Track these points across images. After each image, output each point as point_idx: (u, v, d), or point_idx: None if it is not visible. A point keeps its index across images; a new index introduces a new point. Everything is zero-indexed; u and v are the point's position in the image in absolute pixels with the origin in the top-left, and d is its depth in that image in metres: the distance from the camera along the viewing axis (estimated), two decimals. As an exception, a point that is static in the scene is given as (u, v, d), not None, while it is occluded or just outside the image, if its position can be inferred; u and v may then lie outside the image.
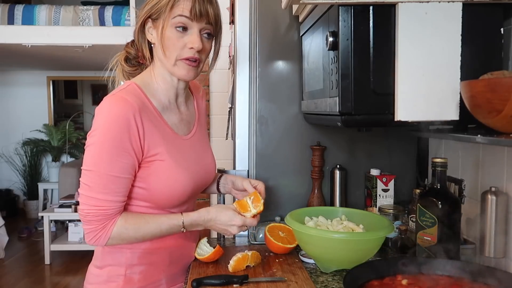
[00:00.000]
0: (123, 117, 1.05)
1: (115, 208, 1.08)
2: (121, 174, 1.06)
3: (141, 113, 1.08)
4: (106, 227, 1.08)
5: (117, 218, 1.09)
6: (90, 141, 1.06)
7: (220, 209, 1.18)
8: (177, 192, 1.15)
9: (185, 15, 1.09)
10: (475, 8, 1.04)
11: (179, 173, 1.14)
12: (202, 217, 1.16)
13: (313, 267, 1.25)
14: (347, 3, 1.03)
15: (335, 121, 1.14)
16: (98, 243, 1.09)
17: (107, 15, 3.85)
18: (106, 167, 1.05)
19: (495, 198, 1.12)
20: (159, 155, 1.12)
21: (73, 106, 6.84)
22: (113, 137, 1.04)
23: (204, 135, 1.32)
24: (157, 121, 1.14)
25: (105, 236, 1.08)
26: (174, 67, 1.13)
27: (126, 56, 1.24)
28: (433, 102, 1.04)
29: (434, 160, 1.15)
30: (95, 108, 1.09)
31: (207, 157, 1.29)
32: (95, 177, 1.05)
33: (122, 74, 1.24)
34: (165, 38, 1.11)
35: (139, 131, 1.08)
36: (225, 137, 2.28)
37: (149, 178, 1.12)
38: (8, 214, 5.86)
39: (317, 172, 1.63)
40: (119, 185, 1.07)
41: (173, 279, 1.23)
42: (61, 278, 4.01)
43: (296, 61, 1.63)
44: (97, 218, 1.06)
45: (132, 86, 1.13)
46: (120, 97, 1.08)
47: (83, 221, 1.08)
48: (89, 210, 1.06)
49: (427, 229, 1.13)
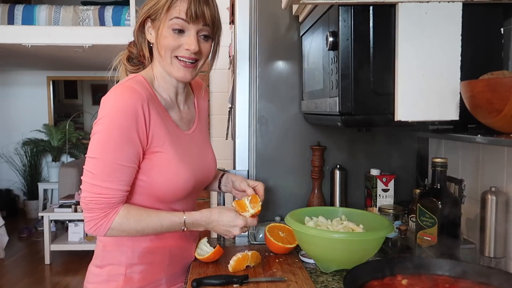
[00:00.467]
0: (131, 106, 1.05)
1: (118, 197, 1.07)
2: (126, 163, 1.06)
3: (149, 103, 1.09)
4: (108, 215, 1.07)
5: (120, 207, 1.09)
6: (96, 129, 1.06)
7: (223, 211, 1.18)
8: (178, 185, 1.15)
9: (181, 17, 1.09)
10: (475, 8, 1.04)
11: (180, 166, 1.15)
12: (205, 218, 1.17)
13: (313, 267, 1.25)
14: (347, 3, 1.03)
15: (335, 121, 1.14)
16: (97, 232, 1.08)
17: (107, 15, 3.85)
18: (112, 155, 1.05)
19: (495, 198, 1.12)
20: (162, 147, 1.12)
21: (73, 106, 6.84)
22: (120, 125, 1.05)
23: (204, 133, 1.33)
24: (162, 113, 1.14)
25: (106, 225, 1.07)
26: (170, 66, 1.14)
27: (129, 55, 1.24)
28: (433, 102, 1.04)
29: (434, 160, 1.15)
30: (102, 98, 1.08)
31: (207, 154, 1.30)
32: (100, 164, 1.05)
33: (126, 74, 1.24)
34: (162, 38, 1.11)
35: (146, 121, 1.08)
36: (225, 137, 2.28)
37: (151, 170, 1.12)
38: (8, 214, 5.86)
39: (317, 172, 1.63)
40: (123, 173, 1.07)
41: (173, 279, 1.23)
42: (61, 278, 4.01)
43: (296, 61, 1.63)
44: (100, 206, 1.06)
45: (139, 77, 1.14)
46: (128, 86, 1.08)
47: (84, 209, 1.08)
48: (92, 198, 1.06)
49: (427, 229, 1.13)
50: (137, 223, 1.10)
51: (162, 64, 1.15)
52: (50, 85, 6.52)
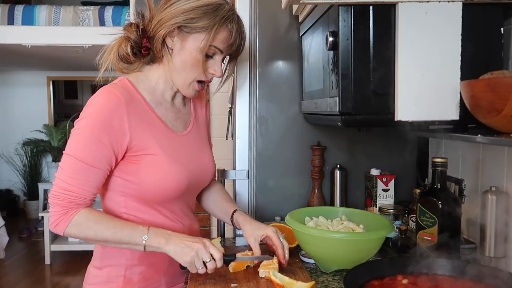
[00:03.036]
0: (106, 109, 1.06)
1: (81, 197, 1.06)
2: (94, 164, 1.06)
3: (128, 106, 1.08)
4: (68, 213, 1.05)
5: (81, 208, 1.07)
6: (74, 128, 1.07)
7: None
8: (170, 185, 1.13)
9: (219, 48, 1.10)
10: (475, 8, 1.04)
11: (172, 166, 1.13)
12: (170, 232, 1.09)
13: (313, 267, 1.25)
14: (347, 3, 1.03)
15: (335, 121, 1.14)
16: (57, 229, 1.07)
17: (107, 15, 3.84)
18: (81, 154, 1.05)
19: (495, 197, 1.12)
20: (149, 149, 1.11)
21: (73, 106, 6.83)
22: (93, 126, 1.05)
23: (202, 135, 1.31)
24: (147, 115, 1.13)
25: (64, 222, 1.05)
26: (185, 86, 1.14)
27: (126, 39, 1.13)
28: (433, 102, 1.04)
29: (434, 160, 1.15)
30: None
31: (204, 157, 1.28)
32: (70, 161, 1.05)
33: (116, 60, 1.14)
34: (189, 57, 1.10)
35: (122, 124, 1.07)
36: (225, 137, 2.28)
37: (140, 172, 1.11)
38: (8, 214, 5.85)
39: (317, 172, 1.63)
40: (90, 174, 1.06)
41: (172, 280, 1.23)
42: (61, 279, 4.01)
43: (296, 61, 1.63)
44: (61, 203, 1.05)
45: (123, 81, 1.14)
46: (108, 89, 1.09)
47: (50, 204, 1.07)
48: (56, 193, 1.05)
49: (427, 229, 1.13)
50: (96, 222, 1.07)
51: (176, 79, 1.14)
52: (50, 85, 6.52)
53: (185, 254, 1.04)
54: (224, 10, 1.09)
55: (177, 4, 1.08)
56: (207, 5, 1.08)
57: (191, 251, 1.04)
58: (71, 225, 1.06)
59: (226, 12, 1.09)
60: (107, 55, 1.14)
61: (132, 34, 1.12)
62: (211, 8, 1.08)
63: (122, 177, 1.12)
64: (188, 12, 1.07)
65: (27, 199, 6.24)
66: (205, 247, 1.06)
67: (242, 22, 1.15)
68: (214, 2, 1.09)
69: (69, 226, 1.06)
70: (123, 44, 1.13)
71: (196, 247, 1.05)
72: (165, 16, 1.09)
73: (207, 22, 1.07)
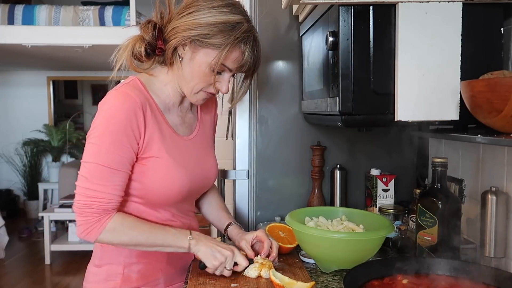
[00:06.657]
0: (124, 112, 1.05)
1: (112, 202, 1.07)
2: (119, 168, 1.06)
3: (143, 108, 1.08)
4: (101, 220, 1.06)
5: (114, 213, 1.08)
6: (90, 134, 1.06)
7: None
8: (173, 189, 1.14)
9: (229, 67, 1.09)
10: (475, 8, 1.04)
11: (176, 170, 1.14)
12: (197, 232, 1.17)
13: (313, 267, 1.25)
14: (347, 3, 1.03)
15: (335, 121, 1.14)
16: (88, 237, 1.07)
17: (107, 15, 3.84)
18: (105, 160, 1.04)
19: (495, 198, 1.12)
20: (156, 152, 1.11)
21: (73, 106, 6.83)
22: (113, 131, 1.05)
23: (207, 140, 1.31)
24: (158, 118, 1.14)
25: (98, 229, 1.06)
26: (192, 94, 1.14)
27: (141, 39, 1.11)
28: (433, 102, 1.04)
29: (434, 160, 1.15)
30: (99, 103, 1.08)
31: (208, 162, 1.28)
32: (94, 169, 1.05)
33: (131, 59, 1.12)
34: (200, 71, 1.09)
35: (139, 126, 1.08)
36: (225, 137, 2.28)
37: (146, 174, 1.11)
38: (8, 214, 5.85)
39: (317, 172, 1.63)
40: (117, 178, 1.06)
41: (171, 279, 1.23)
42: (61, 278, 4.01)
43: (296, 61, 1.63)
44: (93, 211, 1.05)
45: (135, 81, 1.13)
46: (123, 91, 1.08)
47: (77, 213, 1.07)
48: (86, 202, 1.05)
49: (427, 229, 1.13)
50: (132, 228, 1.09)
51: (184, 87, 1.14)
52: (50, 85, 6.52)
53: (215, 258, 1.11)
54: (241, 30, 1.06)
55: (195, 15, 1.05)
56: (224, 23, 1.05)
57: (221, 257, 1.11)
58: (105, 231, 1.07)
59: (241, 33, 1.06)
60: (121, 54, 1.12)
61: (147, 35, 1.09)
62: (228, 26, 1.05)
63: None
64: (203, 27, 1.05)
65: (27, 199, 6.24)
66: (234, 256, 1.13)
67: (259, 43, 1.13)
68: (233, 21, 1.05)
69: (103, 232, 1.06)
70: (137, 44, 1.10)
71: (226, 254, 1.12)
72: (180, 25, 1.06)
73: (221, 40, 1.05)
